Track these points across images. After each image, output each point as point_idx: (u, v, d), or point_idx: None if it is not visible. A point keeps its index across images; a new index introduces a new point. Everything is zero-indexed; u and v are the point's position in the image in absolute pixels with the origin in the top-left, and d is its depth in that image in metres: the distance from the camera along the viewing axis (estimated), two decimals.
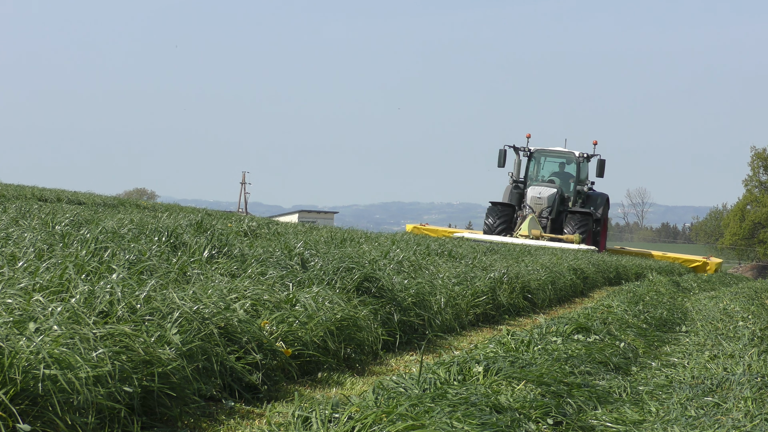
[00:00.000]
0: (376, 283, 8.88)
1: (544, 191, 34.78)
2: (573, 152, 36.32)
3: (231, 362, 5.73)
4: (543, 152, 36.76)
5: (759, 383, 6.70)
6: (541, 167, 36.77)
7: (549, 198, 34.66)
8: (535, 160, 36.76)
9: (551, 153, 36.84)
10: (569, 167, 36.69)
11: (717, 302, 16.71)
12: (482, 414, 4.96)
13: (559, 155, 36.82)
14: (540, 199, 34.64)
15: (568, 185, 36.29)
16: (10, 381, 4.12)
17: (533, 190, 34.93)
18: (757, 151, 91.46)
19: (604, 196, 36.64)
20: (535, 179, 36.42)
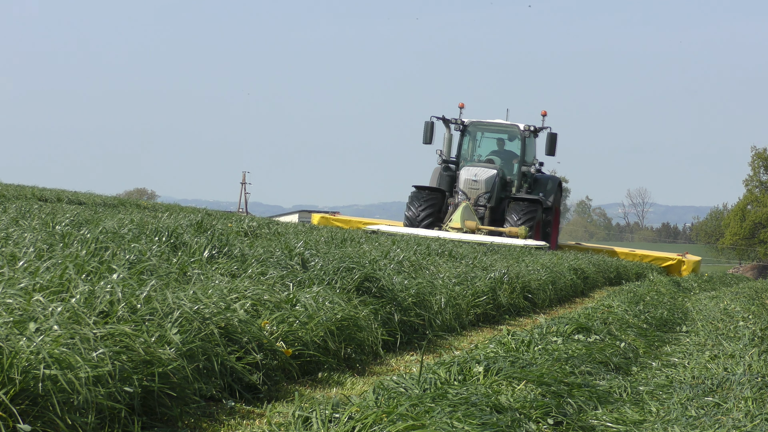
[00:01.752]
0: (376, 283, 8.88)
1: (480, 173, 28.14)
2: (516, 125, 29.51)
3: (231, 362, 5.72)
4: (479, 126, 29.93)
5: (759, 383, 6.70)
6: (478, 144, 30.16)
7: (487, 182, 28.08)
8: (470, 136, 29.97)
9: (490, 126, 30.11)
10: (512, 144, 30.02)
11: (717, 302, 16.70)
12: (483, 414, 4.96)
13: (499, 129, 30.09)
14: (476, 183, 28.05)
15: (510, 166, 29.50)
16: (10, 381, 4.12)
17: (467, 172, 28.24)
18: (757, 151, 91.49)
19: (556, 180, 30.16)
20: (470, 159, 29.69)
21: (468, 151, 29.88)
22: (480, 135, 30.17)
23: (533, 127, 29.35)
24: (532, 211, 27.50)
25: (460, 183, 28.27)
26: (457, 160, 29.64)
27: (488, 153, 30.00)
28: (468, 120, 29.80)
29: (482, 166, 28.68)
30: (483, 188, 28.10)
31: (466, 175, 28.19)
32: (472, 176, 28.13)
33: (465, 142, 29.88)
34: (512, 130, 29.73)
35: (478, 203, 28.16)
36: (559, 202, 31.04)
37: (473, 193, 28.13)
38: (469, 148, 29.92)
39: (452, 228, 26.49)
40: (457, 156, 29.76)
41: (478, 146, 30.11)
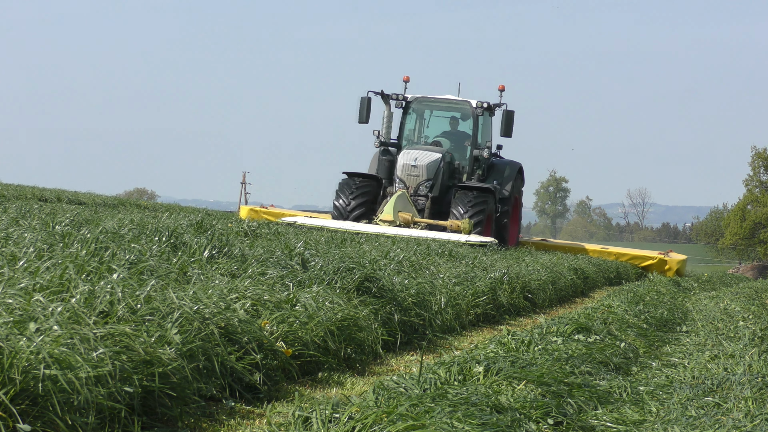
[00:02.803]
0: (376, 283, 8.88)
1: (422, 157, 23.72)
2: (468, 101, 25.03)
3: (231, 362, 5.73)
4: (425, 102, 25.51)
5: (759, 383, 6.70)
6: (426, 124, 25.72)
7: (429, 167, 23.63)
8: (415, 114, 25.46)
9: (438, 103, 25.65)
10: (464, 124, 25.56)
11: (717, 302, 16.71)
12: (483, 414, 4.96)
13: (448, 106, 25.60)
14: (415, 168, 23.61)
15: (462, 149, 25.17)
16: (10, 381, 4.12)
17: (405, 156, 23.79)
18: (757, 151, 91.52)
19: (515, 166, 25.68)
20: (416, 141, 25.28)
21: (414, 132, 25.43)
22: (428, 114, 25.74)
23: (487, 104, 24.77)
24: (481, 201, 23.08)
25: (397, 169, 23.81)
26: (399, 143, 25.17)
27: (437, 134, 25.54)
28: (411, 96, 25.19)
29: (424, 149, 24.18)
30: (424, 175, 23.63)
31: (404, 159, 23.76)
32: (411, 161, 23.67)
33: (408, 121, 25.37)
34: (464, 108, 25.14)
35: (419, 193, 23.71)
36: (520, 192, 26.43)
37: (412, 180, 23.67)
38: (416, 128, 25.47)
39: (383, 221, 22.25)
40: (399, 137, 25.25)
41: (426, 127, 25.63)
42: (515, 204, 26.09)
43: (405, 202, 23.01)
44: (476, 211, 22.85)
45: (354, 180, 24.01)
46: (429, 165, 23.71)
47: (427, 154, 23.85)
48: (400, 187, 23.67)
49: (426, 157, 23.77)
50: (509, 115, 24.41)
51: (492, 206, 23.60)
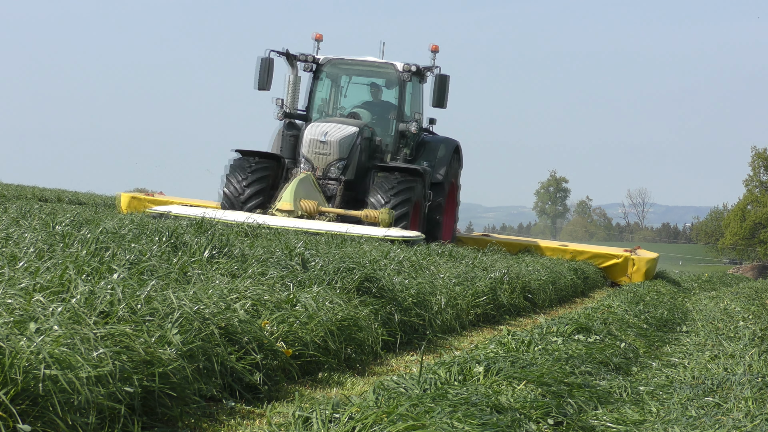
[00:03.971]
0: (376, 283, 8.88)
1: (333, 131, 19.34)
2: (393, 64, 20.49)
3: (231, 362, 5.73)
4: (341, 65, 20.85)
5: (759, 383, 6.71)
6: (341, 92, 21.13)
7: (341, 144, 19.21)
8: (328, 80, 20.88)
9: (356, 66, 20.99)
10: (387, 92, 20.97)
11: (717, 302, 16.72)
12: (483, 414, 4.96)
13: (369, 70, 20.95)
14: (324, 145, 19.23)
15: (385, 123, 20.65)
16: (10, 381, 4.12)
17: (313, 130, 19.36)
18: (757, 151, 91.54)
19: (451, 144, 21.19)
20: (329, 113, 20.70)
21: (327, 101, 20.86)
22: (345, 80, 21.11)
23: (416, 67, 20.26)
24: (407, 188, 18.81)
25: (302, 146, 19.39)
26: (308, 115, 20.58)
27: (356, 105, 20.94)
28: (324, 57, 20.67)
29: (337, 121, 19.67)
30: (335, 153, 19.22)
31: (311, 134, 19.27)
32: (319, 136, 19.21)
33: (320, 88, 20.78)
34: (387, 72, 20.59)
35: (329, 175, 19.33)
36: (457, 175, 21.80)
37: (320, 160, 19.29)
38: (329, 97, 20.89)
39: (280, 211, 18.05)
40: (308, 108, 20.62)
41: (343, 96, 21.06)
42: (451, 191, 21.48)
43: (310, 188, 18.62)
44: (400, 200, 18.61)
45: (248, 160, 19.45)
46: (342, 141, 19.22)
47: (340, 128, 19.40)
48: (305, 168, 19.28)
49: (338, 131, 19.35)
50: (443, 81, 19.94)
51: (420, 193, 19.27)
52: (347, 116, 20.41)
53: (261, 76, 20.06)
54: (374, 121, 20.57)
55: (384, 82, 20.92)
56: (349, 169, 19.42)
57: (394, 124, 20.48)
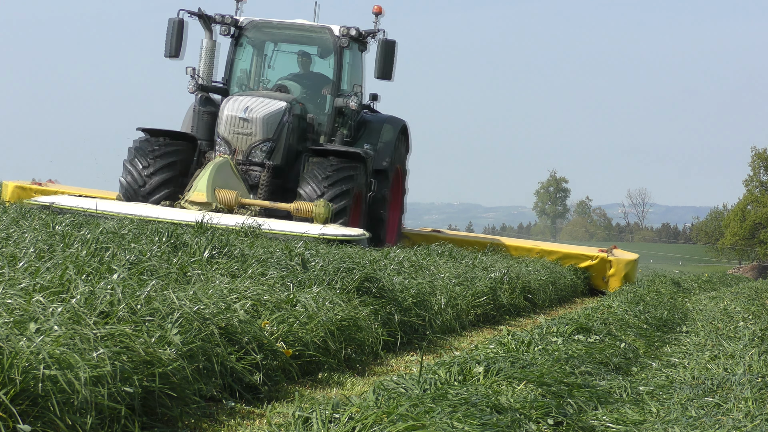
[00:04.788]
0: (376, 283, 8.89)
1: (256, 107, 16.27)
2: (328, 28, 17.33)
3: (231, 362, 5.73)
4: (266, 29, 17.68)
5: (759, 383, 6.70)
6: (266, 61, 17.93)
7: (267, 122, 16.18)
8: (251, 47, 17.74)
9: (284, 31, 17.77)
10: (322, 62, 17.82)
11: (717, 302, 16.73)
12: (483, 414, 4.96)
13: (300, 36, 17.83)
14: (246, 123, 16.18)
15: (319, 98, 17.60)
16: (10, 381, 4.12)
17: (233, 106, 16.30)
18: (757, 151, 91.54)
19: (397, 124, 18.14)
20: (252, 86, 17.65)
21: (249, 73, 17.77)
22: (271, 47, 17.96)
23: (356, 31, 17.16)
24: (346, 177, 15.88)
25: (220, 125, 16.28)
26: (228, 87, 17.43)
27: (284, 76, 17.82)
28: (246, 19, 17.59)
29: (262, 95, 16.66)
30: (259, 133, 16.16)
31: (230, 110, 16.21)
32: (239, 112, 16.21)
33: (241, 56, 17.69)
34: (321, 38, 17.44)
35: (252, 160, 16.24)
36: (404, 161, 18.82)
37: (241, 141, 16.22)
38: (252, 67, 17.78)
39: (192, 203, 15.15)
40: (228, 80, 17.49)
41: (269, 66, 17.92)
42: (396, 179, 18.47)
43: (228, 175, 15.67)
44: (338, 190, 15.64)
45: (154, 142, 16.27)
46: (267, 118, 16.14)
47: (265, 103, 16.31)
48: (222, 151, 16.17)
49: (263, 107, 16.24)
50: (388, 48, 16.82)
51: (362, 182, 16.33)
52: (274, 90, 17.26)
53: (171, 42, 16.97)
54: (306, 96, 17.48)
55: (318, 49, 17.72)
56: (276, 153, 16.26)
57: (329, 100, 17.33)
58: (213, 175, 15.25)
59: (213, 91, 17.35)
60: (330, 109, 17.30)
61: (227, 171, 15.65)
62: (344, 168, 15.92)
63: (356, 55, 17.79)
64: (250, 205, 15.43)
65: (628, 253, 19.84)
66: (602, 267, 19.07)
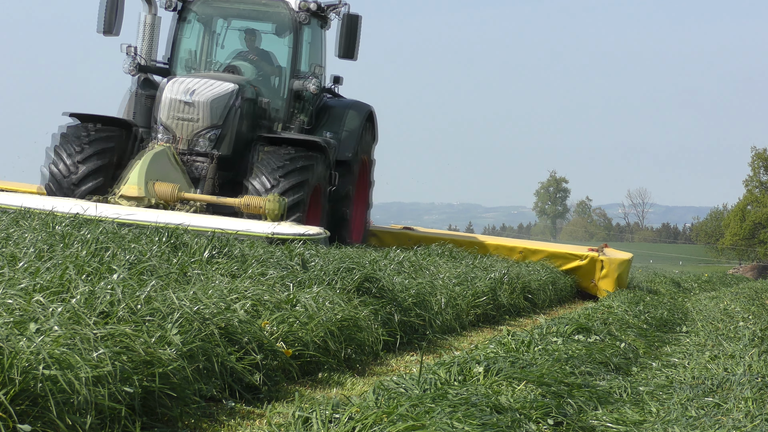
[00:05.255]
0: (376, 283, 8.89)
1: (201, 90, 14.39)
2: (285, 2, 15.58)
3: (231, 363, 5.73)
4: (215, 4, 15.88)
5: (759, 383, 6.71)
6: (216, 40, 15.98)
7: (213, 106, 14.31)
8: (199, 23, 15.85)
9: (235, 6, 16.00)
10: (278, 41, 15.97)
11: (717, 302, 16.73)
12: (483, 414, 4.96)
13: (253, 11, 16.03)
14: (190, 108, 14.28)
15: (274, 81, 15.81)
16: (10, 381, 4.12)
17: (174, 88, 14.38)
18: (757, 152, 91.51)
19: (363, 110, 16.43)
20: (200, 67, 15.76)
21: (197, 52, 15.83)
22: (221, 24, 15.98)
23: (315, 5, 15.49)
24: (302, 168, 14.08)
25: (160, 109, 14.36)
26: (171, 68, 15.57)
27: (236, 56, 15.86)
28: None
29: (208, 77, 14.78)
30: (204, 119, 14.27)
31: (172, 92, 14.31)
32: (183, 95, 14.27)
33: (187, 33, 15.71)
34: (277, 13, 15.67)
35: (196, 149, 14.32)
36: (371, 151, 17.05)
37: (185, 128, 14.28)
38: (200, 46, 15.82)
39: (125, 197, 13.30)
40: (171, 60, 15.61)
41: (219, 45, 16.01)
42: (362, 171, 16.77)
43: (167, 166, 13.83)
44: (292, 183, 13.89)
45: (84, 128, 14.33)
46: (214, 102, 14.27)
47: (212, 85, 14.43)
48: (163, 139, 14.27)
49: (209, 89, 14.36)
50: (352, 24, 15.28)
51: (322, 174, 14.60)
52: (224, 71, 15.33)
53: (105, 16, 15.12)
54: (260, 79, 15.56)
55: (273, 26, 15.91)
56: (224, 141, 14.39)
57: (285, 83, 15.50)
58: (148, 165, 13.43)
59: (154, 72, 15.53)
60: (286, 93, 15.49)
61: (166, 161, 13.82)
62: (300, 158, 14.19)
63: (317, 32, 16.06)
64: (192, 200, 13.59)
65: (620, 253, 18.11)
66: (592, 268, 17.24)
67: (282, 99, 15.49)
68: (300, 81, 15.33)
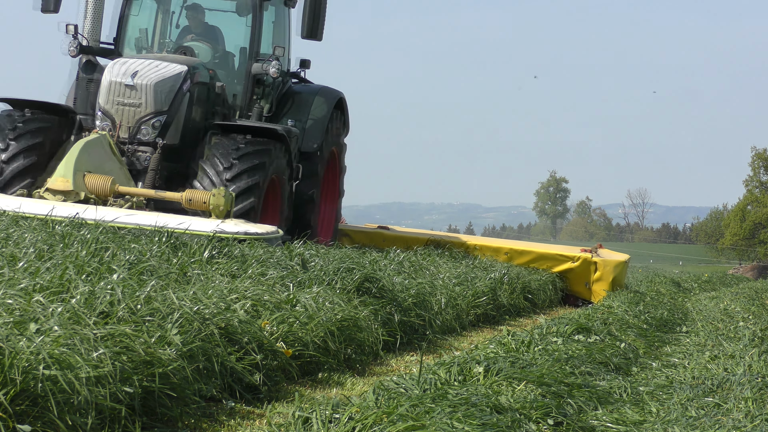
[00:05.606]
0: (376, 283, 8.89)
1: (145, 72, 13.05)
2: None
3: (231, 363, 5.73)
4: None
5: (759, 384, 6.71)
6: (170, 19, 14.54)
7: (158, 90, 12.96)
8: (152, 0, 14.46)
9: None
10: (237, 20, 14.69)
11: (717, 303, 16.72)
12: (483, 414, 4.96)
13: None
14: (132, 91, 12.93)
15: (234, 64, 14.45)
16: (10, 381, 4.12)
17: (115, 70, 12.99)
18: (757, 152, 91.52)
19: (332, 96, 15.03)
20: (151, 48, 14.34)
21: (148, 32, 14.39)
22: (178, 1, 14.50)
23: None
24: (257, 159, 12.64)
25: (101, 94, 12.96)
26: (118, 50, 14.12)
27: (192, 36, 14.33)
28: None
29: (154, 57, 13.41)
30: (149, 104, 12.85)
31: (113, 74, 12.90)
32: (125, 77, 12.85)
33: (136, 10, 14.38)
34: None
35: (139, 138, 12.86)
36: (341, 143, 15.61)
37: (126, 114, 12.84)
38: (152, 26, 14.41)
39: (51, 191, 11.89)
40: (118, 39, 14.16)
41: (174, 24, 14.56)
42: (332, 165, 15.43)
43: (104, 157, 12.41)
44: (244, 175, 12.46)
45: (16, 116, 12.95)
46: (159, 85, 12.88)
47: (159, 67, 13.04)
48: (101, 126, 12.82)
49: (154, 72, 12.98)
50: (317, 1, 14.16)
51: (281, 165, 13.14)
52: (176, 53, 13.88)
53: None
54: (217, 61, 14.14)
55: (234, 4, 14.58)
56: (171, 130, 12.93)
57: (245, 63, 14.08)
58: (78, 155, 11.99)
59: (99, 53, 14.03)
60: (246, 78, 14.00)
61: (101, 151, 12.32)
62: (255, 148, 12.66)
63: (281, 11, 14.80)
64: (128, 194, 12.11)
65: (616, 254, 16.90)
66: (585, 270, 15.85)
67: (242, 83, 14.05)
68: (259, 64, 13.92)
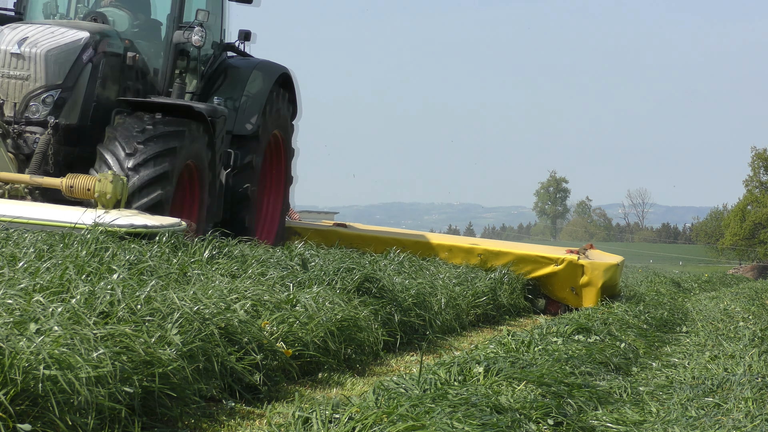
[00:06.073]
0: (376, 283, 8.88)
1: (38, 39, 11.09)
2: None
3: (231, 363, 5.73)
4: None
5: (759, 384, 6.71)
6: None
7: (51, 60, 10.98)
8: None
9: None
10: None
11: (717, 303, 16.72)
12: (483, 414, 4.96)
13: None
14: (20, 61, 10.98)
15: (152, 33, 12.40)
16: (10, 381, 4.12)
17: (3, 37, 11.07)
18: (757, 152, 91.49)
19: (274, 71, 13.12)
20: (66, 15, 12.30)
21: None
22: None
23: None
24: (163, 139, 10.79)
25: None
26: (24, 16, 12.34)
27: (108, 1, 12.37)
28: None
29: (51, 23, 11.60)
30: (39, 77, 11.09)
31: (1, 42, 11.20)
32: (11, 46, 11.11)
33: None
34: None
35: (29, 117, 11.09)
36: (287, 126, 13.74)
37: (13, 88, 11.09)
38: None
39: None
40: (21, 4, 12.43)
41: None
42: (275, 151, 13.66)
43: None
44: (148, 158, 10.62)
45: None
46: (52, 54, 11.11)
47: (54, 33, 11.31)
48: None
49: (48, 39, 11.22)
50: None
51: (200, 150, 11.28)
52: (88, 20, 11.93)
53: None
54: (137, 30, 12.27)
55: None
56: (68, 107, 11.15)
57: (166, 33, 12.17)
58: None
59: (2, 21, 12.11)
60: (167, 49, 12.05)
61: None
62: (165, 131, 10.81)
63: None
64: (9, 181, 10.48)
65: (608, 255, 15.07)
66: (571, 274, 13.84)
67: (162, 57, 12.15)
68: (181, 31, 11.93)
